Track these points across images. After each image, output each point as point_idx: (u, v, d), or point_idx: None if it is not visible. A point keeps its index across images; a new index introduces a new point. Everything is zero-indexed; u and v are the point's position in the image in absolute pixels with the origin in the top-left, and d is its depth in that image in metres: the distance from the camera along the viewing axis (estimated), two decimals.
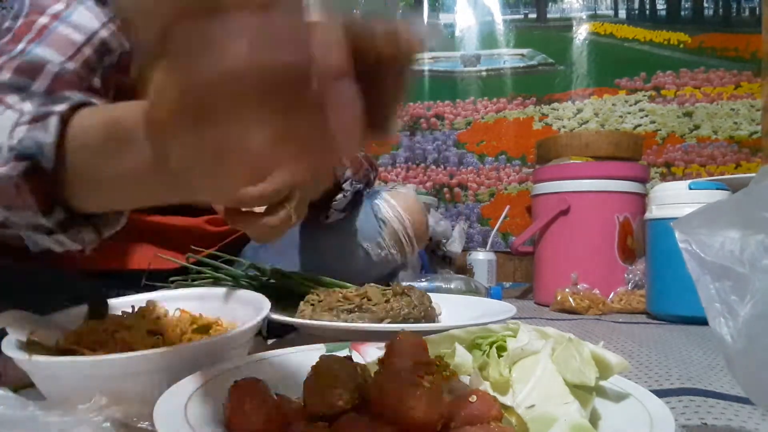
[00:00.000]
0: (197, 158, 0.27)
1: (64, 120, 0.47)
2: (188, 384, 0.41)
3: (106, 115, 0.46)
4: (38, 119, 0.48)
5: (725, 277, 0.37)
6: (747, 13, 2.05)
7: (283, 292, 0.81)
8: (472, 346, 0.44)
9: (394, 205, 1.01)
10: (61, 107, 0.47)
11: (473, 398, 0.34)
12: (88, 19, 0.75)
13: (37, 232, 0.51)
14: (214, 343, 0.51)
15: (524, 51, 2.18)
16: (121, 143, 0.42)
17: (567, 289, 1.53)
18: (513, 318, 0.68)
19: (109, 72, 0.77)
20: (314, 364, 0.37)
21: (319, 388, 0.35)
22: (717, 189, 1.28)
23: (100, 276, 0.83)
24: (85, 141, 0.47)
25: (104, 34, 0.76)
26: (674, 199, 1.32)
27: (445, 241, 1.96)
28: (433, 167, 2.22)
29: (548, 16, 2.18)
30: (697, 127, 2.06)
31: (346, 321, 0.68)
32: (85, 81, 0.74)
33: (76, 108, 0.48)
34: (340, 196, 0.93)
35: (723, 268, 0.37)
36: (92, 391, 0.45)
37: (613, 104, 2.10)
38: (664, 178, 2.05)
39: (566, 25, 2.16)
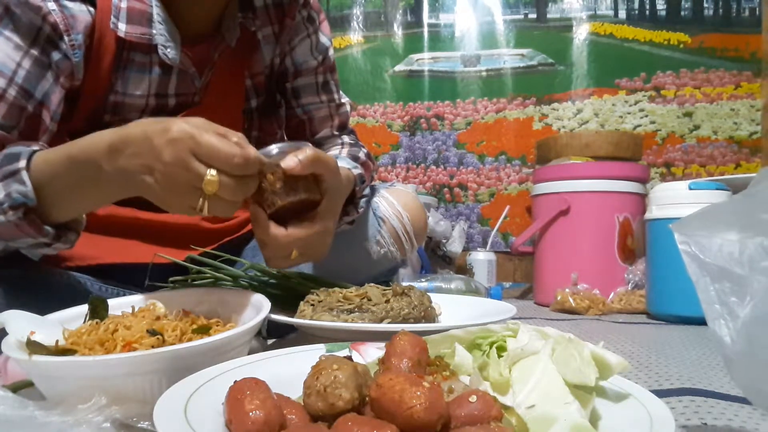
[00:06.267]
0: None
1: (28, 170, 0.63)
2: (188, 384, 0.41)
3: (63, 152, 0.63)
4: (9, 176, 0.63)
5: (725, 278, 0.37)
6: (747, 13, 2.05)
7: (283, 292, 0.81)
8: (472, 346, 0.44)
9: (392, 202, 1.01)
10: (22, 163, 0.64)
11: (473, 398, 0.34)
12: (5, 55, 0.71)
13: (37, 247, 0.69)
14: (214, 343, 0.51)
15: (524, 51, 2.18)
16: (80, 166, 0.61)
17: (567, 289, 1.53)
18: (513, 318, 0.68)
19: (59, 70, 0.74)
20: (314, 364, 0.37)
21: (319, 388, 0.35)
22: (717, 189, 1.28)
23: (100, 272, 0.83)
24: (51, 175, 0.63)
25: (26, 64, 0.72)
26: (674, 200, 1.32)
27: (445, 241, 1.96)
28: (433, 167, 2.22)
29: (548, 16, 2.18)
30: (697, 128, 2.06)
31: (346, 321, 0.68)
32: (17, 118, 0.72)
33: (30, 158, 0.64)
34: (362, 198, 0.90)
35: (722, 270, 0.37)
36: (92, 391, 0.45)
37: (613, 104, 2.10)
38: (664, 178, 2.05)
39: (566, 25, 2.16)
